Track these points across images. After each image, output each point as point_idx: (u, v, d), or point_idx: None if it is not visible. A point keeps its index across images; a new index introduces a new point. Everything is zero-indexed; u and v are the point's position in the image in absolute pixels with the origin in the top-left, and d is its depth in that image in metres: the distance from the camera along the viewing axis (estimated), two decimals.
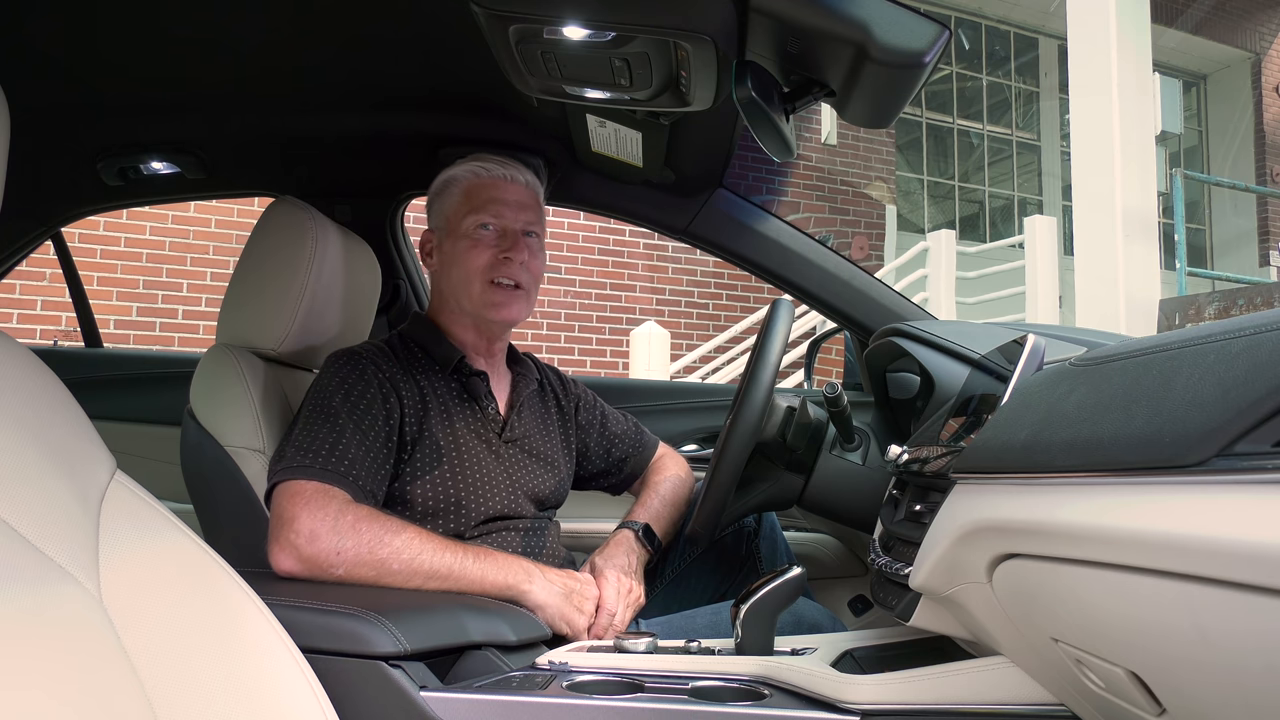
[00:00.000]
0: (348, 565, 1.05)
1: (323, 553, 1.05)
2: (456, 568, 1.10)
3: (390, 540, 1.08)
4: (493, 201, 1.33)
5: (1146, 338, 0.73)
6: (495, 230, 1.33)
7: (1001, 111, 10.47)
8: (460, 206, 1.34)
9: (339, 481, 1.11)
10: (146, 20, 1.31)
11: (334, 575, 1.06)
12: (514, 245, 1.33)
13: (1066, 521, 0.64)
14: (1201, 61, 10.58)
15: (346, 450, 1.14)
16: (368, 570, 1.06)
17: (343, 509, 1.08)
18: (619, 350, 7.02)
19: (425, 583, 1.09)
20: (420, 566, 1.08)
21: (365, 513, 1.10)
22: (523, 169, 1.39)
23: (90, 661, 0.57)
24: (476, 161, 1.37)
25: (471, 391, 1.34)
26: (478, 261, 1.32)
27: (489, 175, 1.36)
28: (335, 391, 1.21)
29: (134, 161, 1.74)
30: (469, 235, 1.32)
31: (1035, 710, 0.85)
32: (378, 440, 1.19)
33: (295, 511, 1.07)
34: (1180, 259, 6.16)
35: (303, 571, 1.05)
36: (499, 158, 1.39)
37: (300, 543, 1.05)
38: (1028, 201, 10.53)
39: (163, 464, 1.61)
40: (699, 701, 0.88)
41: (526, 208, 1.36)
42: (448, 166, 1.40)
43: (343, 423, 1.17)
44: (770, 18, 0.95)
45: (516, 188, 1.36)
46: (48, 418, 0.67)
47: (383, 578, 1.07)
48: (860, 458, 1.41)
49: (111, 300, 5.62)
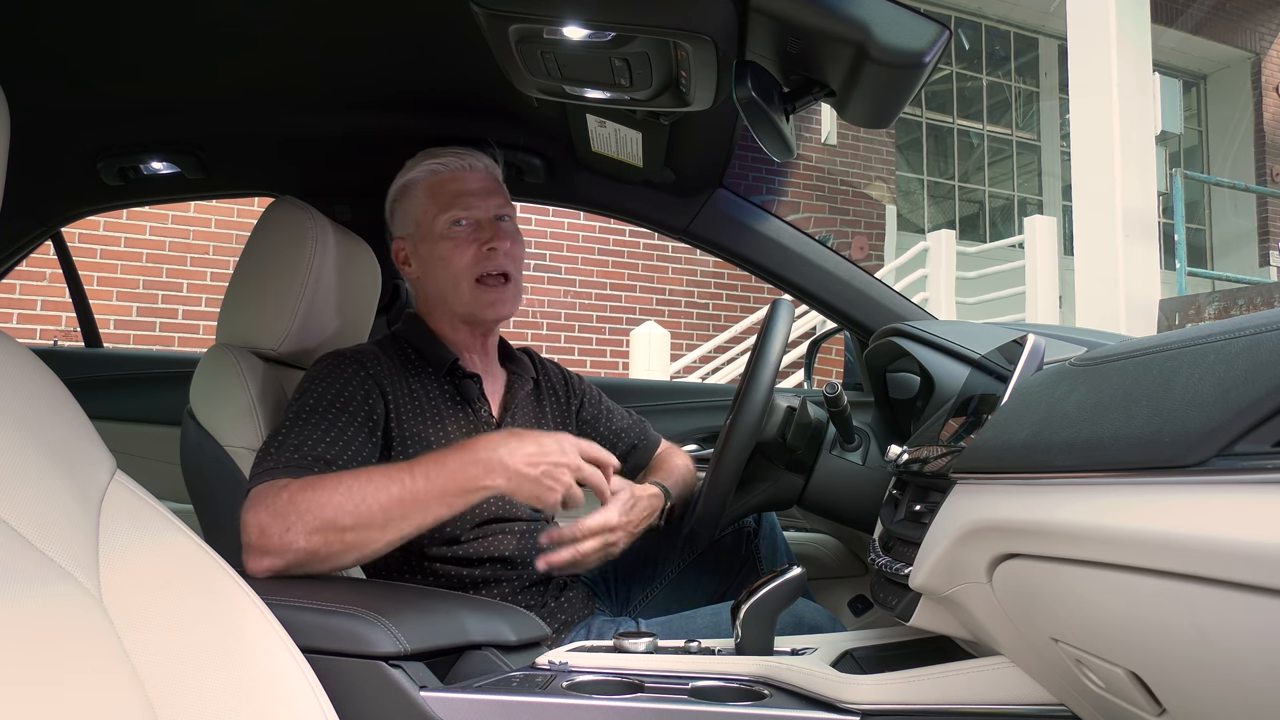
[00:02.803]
0: (305, 541, 1.00)
1: (274, 542, 1.00)
2: (408, 495, 1.03)
3: (329, 499, 1.01)
4: (460, 195, 1.32)
5: (1146, 338, 0.73)
6: (470, 224, 1.32)
7: (1001, 111, 10.47)
8: (428, 207, 1.33)
9: (291, 473, 1.07)
10: (147, 20, 1.31)
11: (304, 557, 1.01)
12: (494, 234, 1.31)
13: (1066, 521, 0.64)
14: (1201, 61, 10.58)
15: (314, 448, 1.11)
16: (326, 537, 1.01)
17: (278, 492, 1.03)
18: (619, 350, 7.02)
19: (390, 524, 1.03)
20: (372, 511, 1.02)
21: (299, 485, 1.03)
22: (478, 155, 1.37)
23: (90, 661, 0.57)
24: (430, 159, 1.35)
25: (465, 394, 1.34)
26: (462, 260, 1.30)
27: (447, 170, 1.34)
28: (310, 394, 1.19)
29: (134, 161, 1.74)
30: (446, 235, 1.31)
31: (1035, 710, 0.86)
32: (356, 438, 1.16)
33: (246, 516, 1.03)
34: (1180, 259, 6.16)
35: (271, 567, 1.01)
36: (450, 149, 1.37)
37: (252, 541, 1.01)
38: (1028, 201, 10.53)
39: (163, 464, 1.61)
40: (699, 701, 0.88)
41: (492, 193, 1.35)
42: (399, 173, 1.38)
43: (314, 423, 1.14)
44: (770, 18, 0.95)
45: (478, 175, 1.35)
46: (48, 418, 0.67)
47: (348, 539, 1.02)
48: (860, 458, 1.41)
49: (111, 300, 5.62)
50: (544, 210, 6.45)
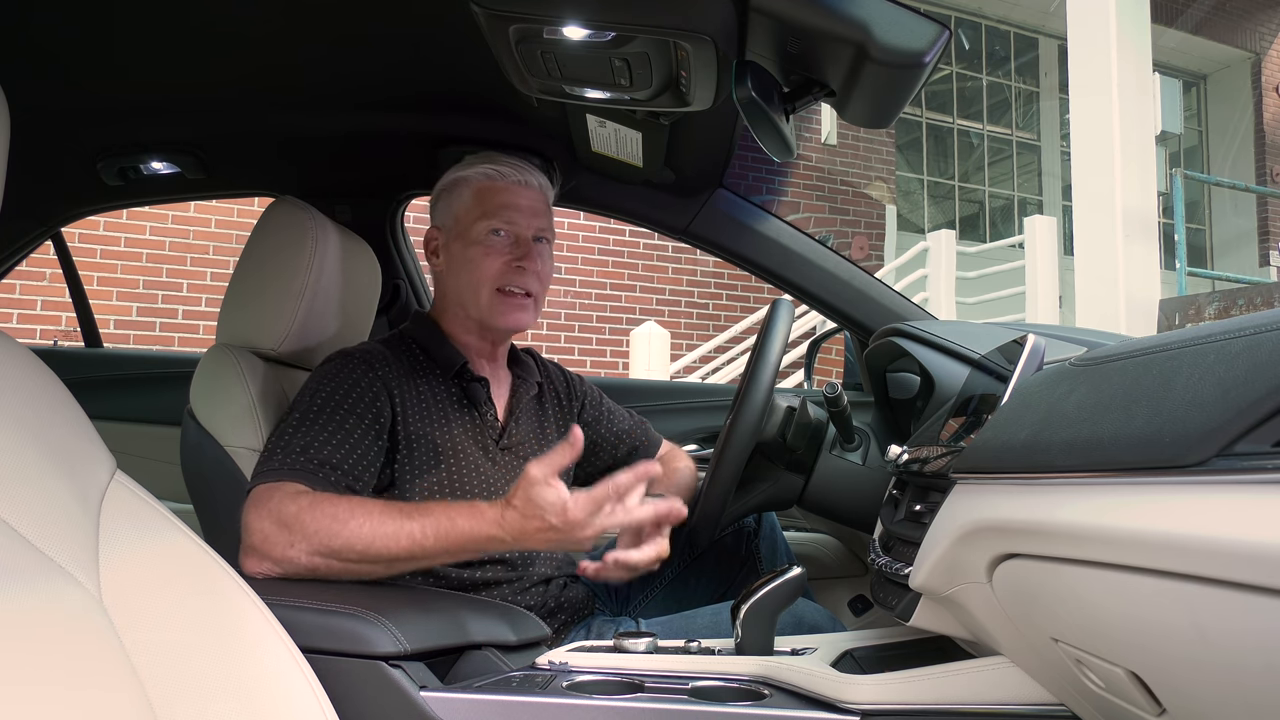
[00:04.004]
0: (307, 560, 1.01)
1: (276, 553, 1.01)
2: (417, 549, 1.04)
3: (340, 530, 1.02)
4: (506, 207, 1.31)
5: (1146, 338, 0.73)
6: (508, 236, 1.31)
7: (1001, 111, 10.47)
8: (471, 209, 1.32)
9: (299, 477, 1.07)
10: (147, 20, 1.31)
11: (302, 572, 1.02)
12: (527, 254, 1.31)
13: (1066, 521, 0.64)
14: (1201, 61, 10.57)
15: (320, 450, 1.11)
16: (329, 562, 1.02)
17: (288, 501, 1.03)
18: (619, 350, 7.02)
19: (394, 566, 1.04)
20: (378, 553, 1.02)
21: (310, 501, 1.03)
22: (535, 171, 1.36)
23: (90, 661, 0.57)
24: (488, 163, 1.34)
25: (472, 397, 1.33)
26: (489, 269, 1.30)
27: (502, 179, 1.33)
28: (317, 393, 1.19)
29: (134, 161, 1.74)
30: (480, 241, 1.30)
31: (1035, 710, 0.86)
32: (363, 441, 1.17)
33: (248, 517, 1.04)
34: (1180, 259, 6.16)
35: (268, 573, 1.02)
36: (511, 159, 1.35)
37: (254, 544, 1.02)
38: (1028, 201, 10.53)
39: (163, 464, 1.61)
40: (699, 701, 0.89)
41: (539, 213, 1.34)
42: (456, 165, 1.37)
43: (322, 424, 1.14)
44: (770, 18, 0.95)
45: (530, 192, 1.34)
46: (48, 418, 0.67)
47: (351, 569, 1.03)
48: (860, 458, 1.41)
49: (111, 300, 5.62)
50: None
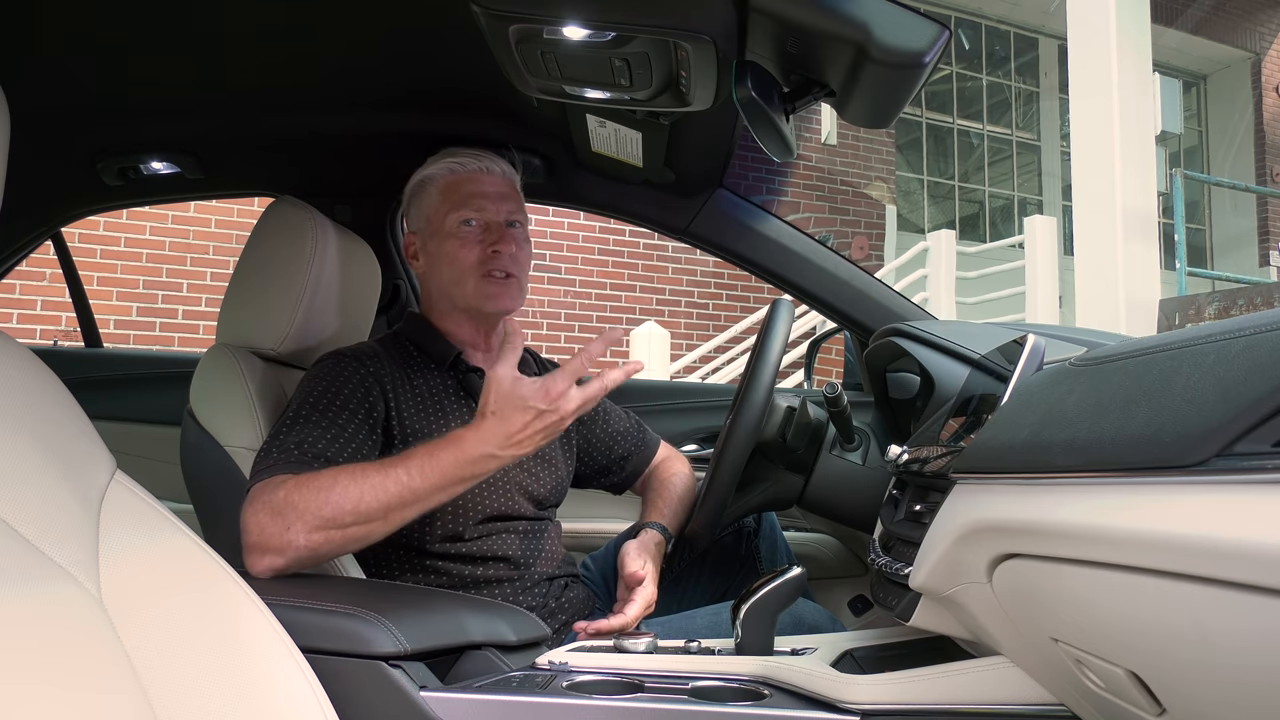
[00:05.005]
0: (306, 540, 1.01)
1: (275, 541, 1.01)
2: (406, 492, 1.04)
3: (328, 497, 1.02)
4: (473, 196, 1.33)
5: (1146, 338, 0.73)
6: (479, 225, 1.32)
7: (1001, 111, 10.47)
8: (440, 205, 1.33)
9: (292, 470, 1.08)
10: (146, 21, 1.31)
11: (306, 554, 1.02)
12: (500, 238, 1.32)
13: (1067, 521, 0.64)
14: (1201, 61, 10.58)
15: (314, 445, 1.12)
16: (328, 534, 1.02)
17: (275, 490, 1.04)
18: (619, 350, 7.01)
19: (390, 516, 1.04)
20: (371, 508, 1.03)
21: (295, 482, 1.04)
22: (496, 159, 1.38)
23: (90, 661, 0.57)
24: (449, 158, 1.36)
25: (469, 388, 1.34)
26: (468, 259, 1.31)
27: (464, 170, 1.35)
28: (310, 392, 1.19)
29: (134, 161, 1.74)
30: (454, 233, 1.32)
31: (1035, 710, 0.86)
32: (357, 435, 1.17)
33: (245, 516, 1.04)
34: (1180, 259, 6.17)
35: (273, 566, 1.02)
36: (471, 150, 1.38)
37: (253, 540, 1.02)
38: (1028, 201, 10.53)
39: (163, 464, 1.61)
40: (699, 701, 0.88)
41: (507, 198, 1.35)
42: (418, 169, 1.39)
43: (314, 421, 1.15)
44: (770, 18, 0.95)
45: (493, 179, 1.35)
46: (48, 418, 0.67)
47: (350, 533, 1.03)
48: (860, 458, 1.41)
49: (111, 300, 5.62)
50: (544, 210, 6.44)
